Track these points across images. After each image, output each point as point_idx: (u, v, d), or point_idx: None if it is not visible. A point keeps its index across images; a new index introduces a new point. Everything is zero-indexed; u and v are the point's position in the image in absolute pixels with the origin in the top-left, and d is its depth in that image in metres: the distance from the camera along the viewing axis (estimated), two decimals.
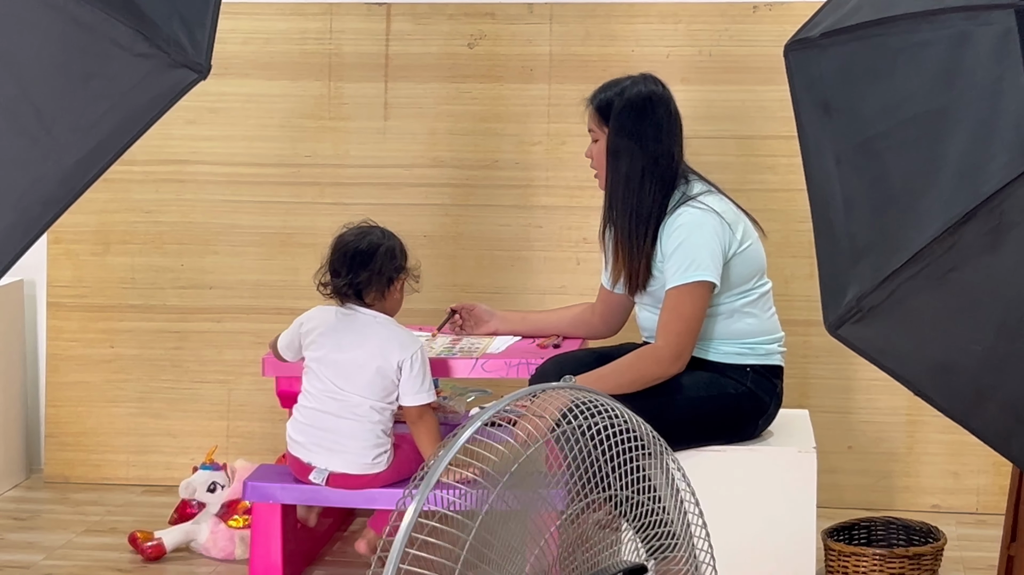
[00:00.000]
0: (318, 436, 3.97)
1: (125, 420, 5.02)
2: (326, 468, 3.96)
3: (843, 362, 4.68)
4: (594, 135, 3.90)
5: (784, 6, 4.72)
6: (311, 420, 3.98)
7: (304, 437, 3.99)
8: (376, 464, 3.96)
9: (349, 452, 3.95)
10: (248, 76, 4.94)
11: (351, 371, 3.94)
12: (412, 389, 3.94)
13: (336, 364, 3.95)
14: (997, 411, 2.53)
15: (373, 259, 3.95)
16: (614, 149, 3.83)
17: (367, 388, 3.94)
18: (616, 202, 3.84)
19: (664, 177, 3.82)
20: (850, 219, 2.54)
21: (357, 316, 3.98)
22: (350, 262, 3.96)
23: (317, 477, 3.97)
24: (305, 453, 3.99)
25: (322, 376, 3.96)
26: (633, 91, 3.85)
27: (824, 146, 2.58)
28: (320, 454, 3.97)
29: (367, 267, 3.95)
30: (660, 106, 3.84)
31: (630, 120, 3.82)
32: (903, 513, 4.40)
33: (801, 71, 2.65)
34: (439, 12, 4.88)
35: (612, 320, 4.19)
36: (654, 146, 3.82)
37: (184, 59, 2.62)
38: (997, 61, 2.36)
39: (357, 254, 3.96)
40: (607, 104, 3.85)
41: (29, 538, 4.54)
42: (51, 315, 5.05)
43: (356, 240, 3.98)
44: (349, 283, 3.95)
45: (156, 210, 5.00)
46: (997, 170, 2.33)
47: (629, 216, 3.82)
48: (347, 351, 3.95)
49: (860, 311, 2.51)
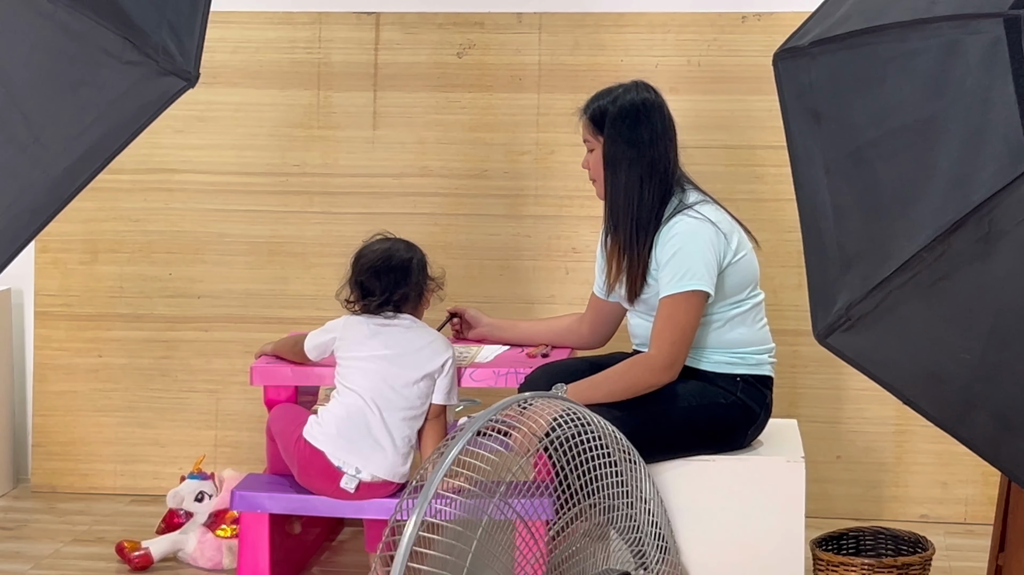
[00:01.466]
0: (357, 439, 3.86)
1: (113, 429, 5.01)
2: (357, 474, 3.85)
3: (832, 372, 4.68)
4: (589, 145, 3.89)
5: (773, 16, 4.72)
6: (352, 423, 3.87)
7: (340, 435, 3.86)
8: (406, 474, 3.91)
9: (388, 459, 3.88)
10: (237, 85, 4.93)
11: (402, 374, 3.89)
12: (445, 388, 3.94)
13: (385, 368, 3.89)
14: (986, 420, 2.53)
15: (408, 275, 3.95)
16: (611, 157, 3.83)
17: (414, 391, 3.91)
18: (617, 210, 3.84)
19: (662, 183, 3.82)
20: (840, 227, 2.54)
21: (400, 321, 3.95)
22: (384, 280, 3.94)
23: (348, 483, 3.85)
24: (338, 454, 3.86)
25: (371, 379, 3.89)
26: (626, 98, 3.85)
27: (814, 155, 2.58)
28: (356, 457, 3.86)
29: (404, 283, 3.95)
30: (654, 112, 3.84)
31: (625, 127, 3.82)
32: (891, 523, 4.40)
33: (791, 79, 2.65)
34: (428, 21, 4.89)
35: (601, 330, 4.18)
36: (650, 152, 3.82)
37: (173, 67, 2.62)
38: (986, 70, 2.37)
39: (390, 271, 3.94)
40: (601, 113, 3.85)
41: (16, 548, 4.52)
42: (39, 324, 5.04)
43: (384, 257, 3.96)
44: (387, 300, 3.94)
45: (144, 219, 4.99)
46: (987, 179, 2.34)
47: (630, 223, 3.82)
48: (397, 355, 3.90)
49: (849, 320, 2.51)
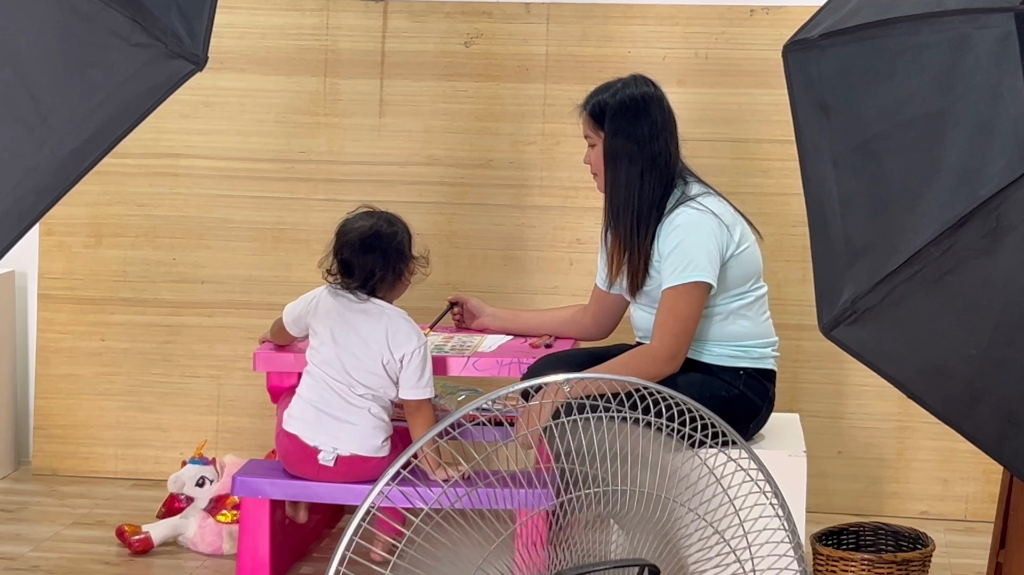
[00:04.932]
0: (324, 418, 3.93)
1: (114, 413, 5.01)
2: (335, 449, 3.93)
3: (835, 367, 4.68)
4: (590, 140, 3.90)
5: (781, 10, 4.71)
6: (318, 402, 3.94)
7: (310, 416, 3.94)
8: (383, 448, 3.96)
9: (357, 434, 3.93)
10: (244, 71, 4.93)
11: (357, 363, 3.92)
12: (410, 382, 3.94)
13: (342, 354, 3.92)
14: (990, 415, 2.53)
15: (387, 256, 3.94)
16: (612, 152, 3.83)
17: (372, 378, 3.93)
18: (618, 205, 3.84)
19: (663, 176, 3.82)
20: (847, 220, 2.54)
21: (366, 307, 3.96)
22: (362, 261, 3.93)
23: (326, 458, 3.91)
24: (311, 434, 3.93)
25: (328, 361, 3.94)
26: (625, 93, 3.85)
27: (822, 147, 2.58)
28: (327, 435, 3.92)
29: (382, 266, 3.94)
30: (653, 105, 3.84)
31: (625, 122, 3.82)
32: (892, 519, 4.40)
33: (800, 72, 2.64)
34: (436, 10, 4.88)
35: (604, 322, 4.18)
36: (651, 145, 3.82)
37: (181, 50, 2.62)
38: (996, 64, 2.37)
39: (369, 251, 3.93)
40: (601, 108, 3.85)
41: (16, 530, 4.53)
42: (42, 307, 5.04)
43: (365, 236, 3.94)
44: (362, 283, 3.95)
45: (149, 203, 4.99)
46: (995, 173, 2.34)
47: (631, 216, 3.82)
48: (355, 342, 3.93)
49: (855, 312, 2.51)
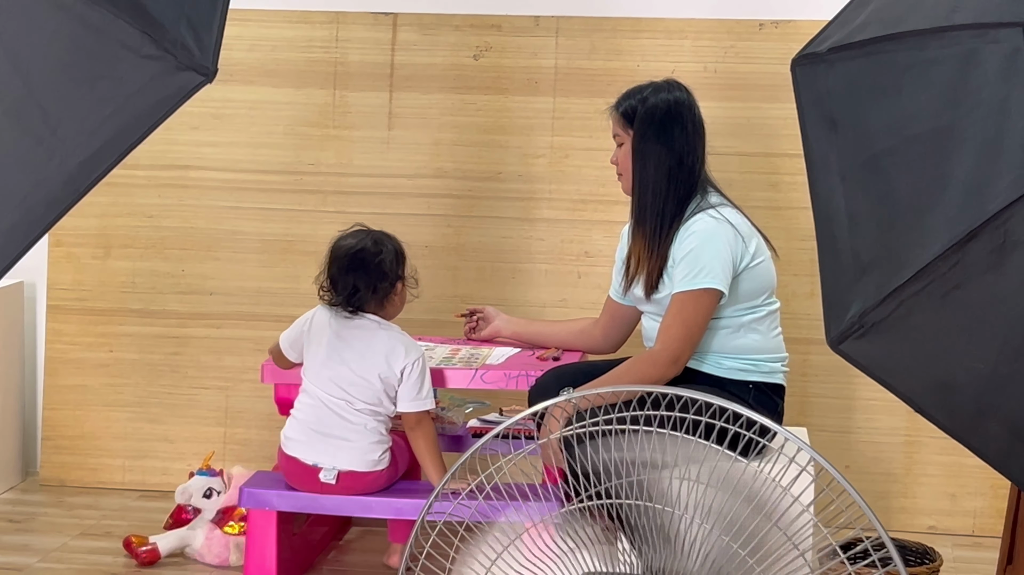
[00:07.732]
0: (321, 437, 3.96)
1: (122, 424, 5.02)
2: (334, 467, 3.95)
3: (843, 381, 4.67)
4: (619, 139, 3.92)
5: (790, 24, 4.72)
6: (314, 423, 3.98)
7: (306, 437, 3.99)
8: (381, 461, 3.98)
9: (355, 451, 3.96)
10: (253, 83, 4.94)
11: (354, 378, 3.94)
12: (409, 395, 3.95)
13: (339, 370, 3.95)
14: (997, 430, 2.52)
15: (369, 275, 3.97)
16: (640, 152, 3.86)
17: (370, 393, 3.95)
18: (645, 204, 3.86)
19: (687, 181, 3.85)
20: (855, 235, 2.54)
21: (360, 323, 3.98)
22: (346, 280, 3.97)
23: (327, 476, 3.95)
24: (310, 454, 3.98)
25: (325, 379, 3.97)
26: (658, 97, 3.88)
27: (830, 161, 2.58)
28: (325, 454, 3.96)
29: (365, 285, 3.97)
30: (685, 111, 3.86)
31: (656, 123, 3.85)
32: (899, 534, 4.40)
33: (808, 86, 2.65)
34: (445, 23, 4.89)
35: (614, 334, 4.18)
36: (679, 149, 3.84)
37: (191, 62, 2.62)
38: (1004, 80, 2.36)
39: (353, 270, 3.97)
40: (632, 109, 3.88)
41: (24, 541, 4.53)
42: (51, 318, 5.05)
43: (350, 255, 3.98)
44: (347, 300, 3.97)
45: (158, 215, 4.99)
46: (1003, 189, 2.34)
47: (656, 218, 3.84)
48: (351, 358, 3.95)
49: (863, 327, 2.50)
